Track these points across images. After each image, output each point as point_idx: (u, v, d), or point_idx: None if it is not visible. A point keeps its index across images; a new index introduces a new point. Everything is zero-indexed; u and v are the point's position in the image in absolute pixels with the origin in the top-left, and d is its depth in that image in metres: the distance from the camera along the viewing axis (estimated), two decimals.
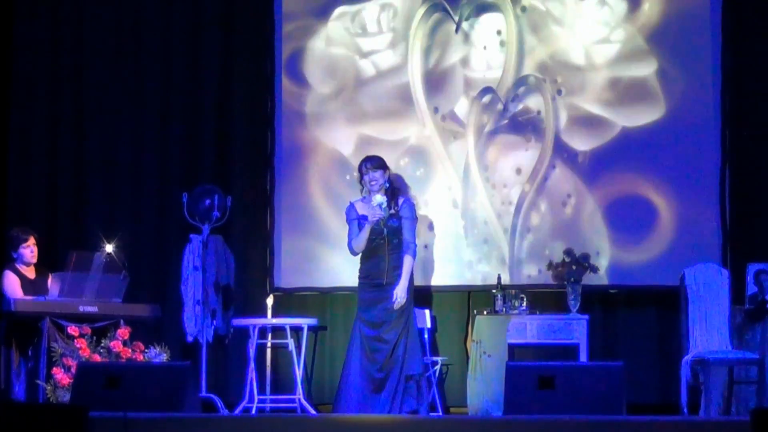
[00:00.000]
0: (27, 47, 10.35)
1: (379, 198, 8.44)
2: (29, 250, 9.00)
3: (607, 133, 9.77)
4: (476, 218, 9.83)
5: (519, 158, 9.83)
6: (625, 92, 9.76)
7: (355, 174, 8.80)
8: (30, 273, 9.03)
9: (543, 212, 9.78)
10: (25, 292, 8.89)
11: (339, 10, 10.10)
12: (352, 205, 8.65)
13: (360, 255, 8.57)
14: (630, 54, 9.77)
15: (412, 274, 8.58)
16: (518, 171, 9.82)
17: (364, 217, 8.52)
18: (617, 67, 9.78)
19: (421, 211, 9.57)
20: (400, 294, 8.40)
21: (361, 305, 8.54)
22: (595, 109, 9.79)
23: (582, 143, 9.78)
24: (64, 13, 10.40)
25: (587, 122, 9.79)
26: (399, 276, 8.44)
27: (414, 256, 8.57)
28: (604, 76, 9.79)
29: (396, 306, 8.39)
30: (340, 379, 8.53)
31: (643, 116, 9.73)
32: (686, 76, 9.70)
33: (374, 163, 8.59)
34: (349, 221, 8.63)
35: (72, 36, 10.38)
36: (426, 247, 9.69)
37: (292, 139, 10.09)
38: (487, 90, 9.86)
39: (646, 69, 9.75)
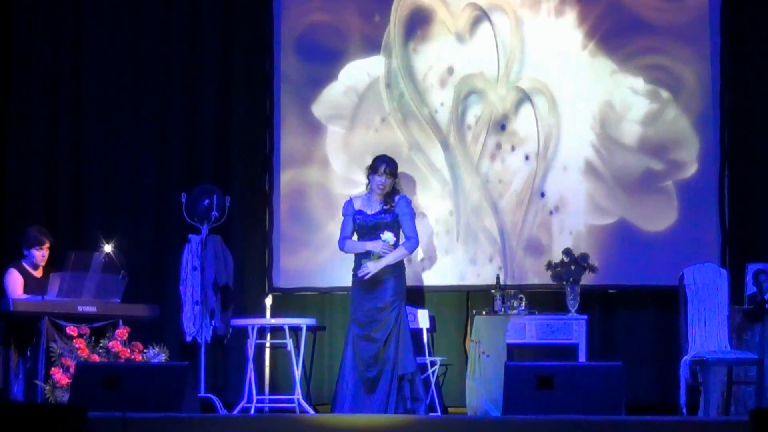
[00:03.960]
0: (26, 47, 10.35)
1: (389, 236, 8.35)
2: (41, 254, 9.00)
3: (606, 135, 9.77)
4: (475, 218, 9.83)
5: (518, 158, 9.83)
6: (625, 93, 9.77)
7: (365, 169, 8.70)
8: (37, 273, 9.03)
9: (542, 212, 9.78)
10: (30, 291, 8.89)
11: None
12: (350, 201, 8.60)
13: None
14: (630, 54, 9.78)
15: (403, 271, 8.47)
16: (517, 171, 9.82)
17: (361, 212, 8.49)
18: (617, 68, 9.79)
19: (420, 211, 9.57)
20: (370, 266, 8.27)
21: (352, 303, 8.50)
22: (595, 110, 9.79)
23: (582, 143, 9.79)
24: (64, 13, 10.40)
25: (587, 123, 9.80)
26: (390, 273, 8.36)
27: (411, 249, 8.47)
28: (603, 76, 9.79)
29: (359, 273, 8.35)
30: (336, 379, 8.53)
31: (643, 116, 9.74)
32: (686, 76, 9.70)
33: (391, 168, 8.42)
34: (344, 216, 8.58)
35: (71, 37, 10.38)
36: (424, 247, 9.68)
37: (291, 140, 10.09)
38: (486, 90, 9.87)
39: (645, 69, 9.76)
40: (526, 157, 9.82)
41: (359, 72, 10.10)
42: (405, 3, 10.06)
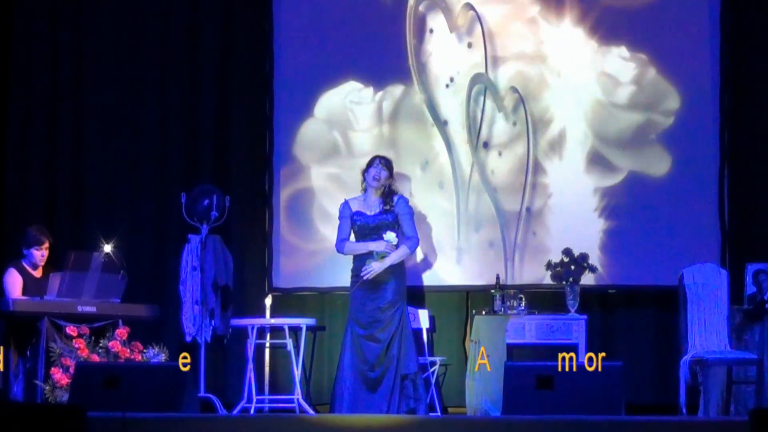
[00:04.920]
0: (25, 47, 10.34)
1: (392, 236, 8.38)
2: (41, 254, 9.00)
3: (606, 134, 9.78)
4: (475, 218, 9.83)
5: (518, 158, 9.83)
6: (625, 93, 9.77)
7: (360, 167, 8.75)
8: (36, 272, 9.03)
9: (542, 212, 9.78)
10: (29, 292, 8.89)
11: None
12: (346, 203, 8.64)
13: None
14: (629, 54, 9.77)
15: (404, 270, 8.51)
16: (517, 171, 9.81)
17: (360, 214, 8.50)
18: (616, 68, 9.79)
19: (419, 210, 9.57)
20: (374, 266, 8.32)
21: (353, 304, 8.52)
22: (594, 110, 9.80)
23: (581, 144, 9.79)
24: (64, 14, 10.39)
25: (587, 123, 9.79)
26: (391, 273, 8.39)
27: (412, 249, 8.55)
28: (603, 77, 9.79)
29: (363, 273, 8.35)
30: (335, 380, 8.53)
31: (642, 117, 9.74)
32: (685, 76, 9.70)
33: (387, 162, 8.58)
34: (341, 218, 8.60)
35: (71, 37, 10.38)
36: (424, 247, 9.68)
37: (291, 140, 10.09)
38: (485, 90, 9.87)
39: (645, 69, 9.76)
40: (526, 157, 9.81)
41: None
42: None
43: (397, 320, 8.40)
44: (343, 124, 10.04)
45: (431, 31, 9.97)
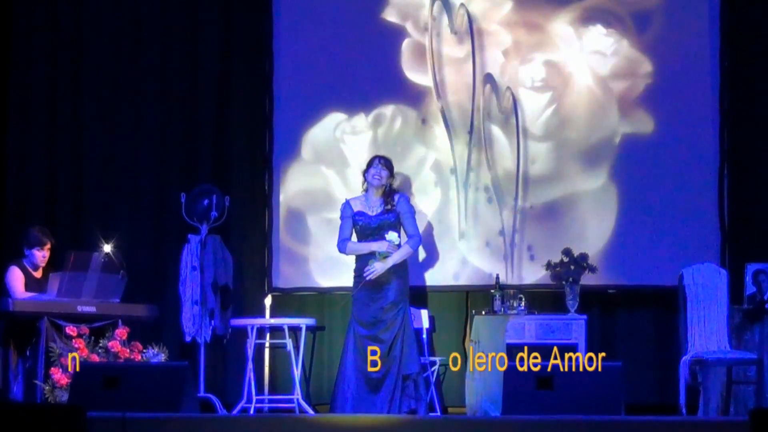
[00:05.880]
0: (25, 47, 10.34)
1: (394, 236, 8.39)
2: (42, 255, 9.00)
3: (606, 134, 9.77)
4: (474, 217, 9.83)
5: (518, 158, 9.82)
6: (625, 92, 9.77)
7: (360, 169, 8.77)
8: (37, 273, 9.03)
9: (542, 212, 9.78)
10: (29, 291, 8.89)
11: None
12: (348, 203, 8.64)
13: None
14: (629, 55, 9.77)
15: (407, 270, 8.53)
16: (516, 170, 9.81)
17: (362, 214, 8.51)
18: (616, 69, 9.79)
19: (419, 210, 9.57)
20: (377, 266, 8.32)
21: (355, 304, 8.52)
22: (595, 111, 9.80)
23: (581, 145, 9.79)
24: (63, 13, 10.39)
25: (587, 123, 9.80)
26: (394, 273, 8.39)
27: (415, 247, 8.58)
28: (602, 78, 9.80)
29: (366, 273, 8.35)
30: (336, 380, 8.52)
31: (643, 117, 9.74)
32: (685, 76, 9.70)
33: (387, 162, 8.59)
34: (342, 218, 8.61)
35: (71, 36, 10.37)
36: (424, 247, 9.68)
37: (291, 139, 10.09)
38: (485, 90, 9.88)
39: (645, 69, 9.76)
40: (526, 157, 9.81)
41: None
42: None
43: (399, 321, 8.41)
44: (343, 123, 10.04)
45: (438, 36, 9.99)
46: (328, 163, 10.03)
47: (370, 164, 8.60)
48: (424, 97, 9.97)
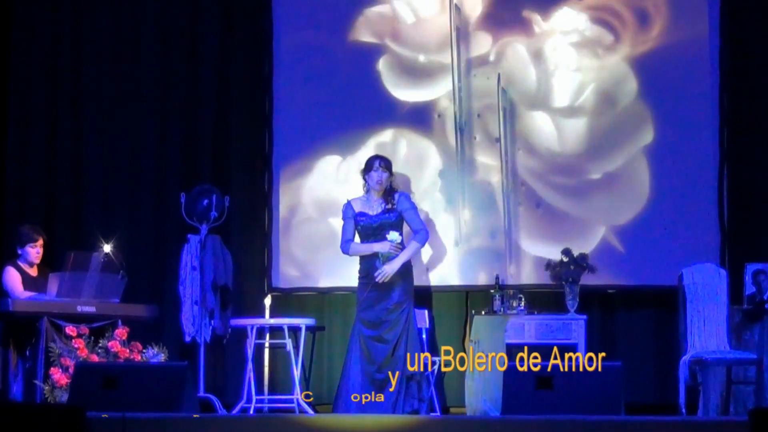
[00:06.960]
0: (25, 47, 10.35)
1: (396, 236, 8.39)
2: (35, 251, 9.01)
3: (606, 134, 9.78)
4: (475, 218, 9.83)
5: (518, 157, 9.83)
6: (625, 91, 9.78)
7: (360, 169, 8.76)
8: (32, 271, 9.04)
9: (541, 211, 9.78)
10: (27, 289, 8.89)
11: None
12: (349, 204, 8.63)
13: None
14: (629, 54, 9.78)
15: (411, 271, 8.53)
16: (517, 170, 9.81)
17: (364, 214, 8.51)
18: (616, 68, 9.79)
19: (420, 210, 9.55)
20: (386, 269, 8.33)
21: (360, 305, 8.51)
22: (595, 109, 9.80)
23: (581, 144, 9.79)
24: (63, 14, 10.39)
25: (587, 122, 9.80)
26: (399, 274, 8.39)
27: (423, 242, 8.55)
28: (602, 77, 9.80)
29: (377, 277, 8.36)
30: (340, 380, 8.51)
31: (643, 117, 9.74)
32: (685, 76, 9.70)
33: (386, 163, 8.57)
34: (344, 219, 8.60)
35: (70, 37, 10.38)
36: (424, 247, 9.67)
37: (290, 139, 10.09)
38: (483, 88, 9.88)
39: (644, 70, 9.76)
40: (526, 156, 9.81)
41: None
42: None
43: (403, 321, 8.40)
44: (343, 122, 10.04)
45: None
46: (328, 162, 10.03)
47: (369, 166, 8.56)
48: (428, 97, 9.97)
